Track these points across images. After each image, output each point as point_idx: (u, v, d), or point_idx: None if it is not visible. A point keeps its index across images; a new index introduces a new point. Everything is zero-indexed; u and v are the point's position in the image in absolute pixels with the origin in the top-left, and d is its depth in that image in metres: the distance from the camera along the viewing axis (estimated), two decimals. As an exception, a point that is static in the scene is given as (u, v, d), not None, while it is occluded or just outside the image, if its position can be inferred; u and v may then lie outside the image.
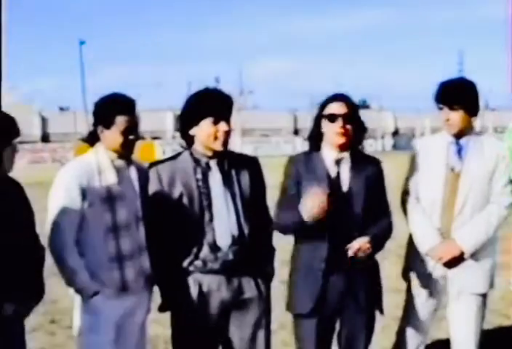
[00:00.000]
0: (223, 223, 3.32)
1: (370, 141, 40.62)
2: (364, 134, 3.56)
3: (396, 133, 56.93)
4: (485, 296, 3.91)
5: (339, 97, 3.50)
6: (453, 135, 3.82)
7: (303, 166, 3.51)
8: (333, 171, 3.48)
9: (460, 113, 3.74)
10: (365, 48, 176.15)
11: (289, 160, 3.61)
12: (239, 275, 3.38)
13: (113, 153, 3.49)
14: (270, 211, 3.57)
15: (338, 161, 3.48)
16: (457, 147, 3.82)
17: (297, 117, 55.73)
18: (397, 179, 4.04)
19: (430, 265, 3.85)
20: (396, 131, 58.00)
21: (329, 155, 3.50)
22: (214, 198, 3.33)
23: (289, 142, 42.34)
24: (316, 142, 3.56)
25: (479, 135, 3.92)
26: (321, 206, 3.24)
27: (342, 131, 3.42)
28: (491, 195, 3.80)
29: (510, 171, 3.79)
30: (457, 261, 3.78)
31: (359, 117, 3.51)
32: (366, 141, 3.62)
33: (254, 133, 49.25)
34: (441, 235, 3.80)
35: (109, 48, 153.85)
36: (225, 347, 3.51)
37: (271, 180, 3.85)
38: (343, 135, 3.42)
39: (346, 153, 3.49)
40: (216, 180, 3.35)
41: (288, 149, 36.54)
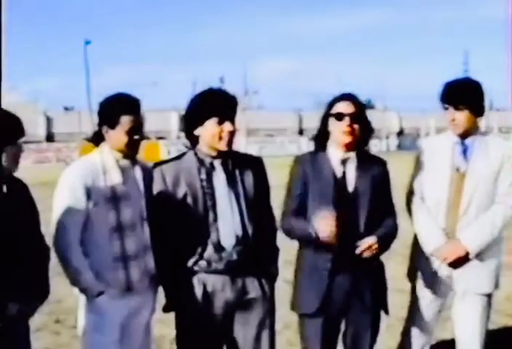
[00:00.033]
0: (227, 223, 3.31)
1: (375, 141, 40.51)
2: (371, 135, 3.55)
3: (401, 133, 56.97)
4: (490, 296, 3.91)
5: (346, 97, 3.50)
6: (458, 135, 3.81)
7: (309, 166, 3.50)
8: (339, 171, 3.47)
9: (466, 113, 3.73)
10: (365, 48, 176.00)
11: (295, 160, 3.60)
12: (243, 275, 3.37)
13: (118, 152, 3.49)
14: (274, 211, 3.57)
15: (344, 161, 3.47)
16: (463, 148, 3.81)
17: (301, 117, 55.80)
18: (402, 180, 4.03)
19: (435, 265, 3.85)
20: (401, 132, 58.03)
21: (335, 155, 3.49)
22: (219, 198, 3.33)
23: (294, 142, 42.39)
24: (322, 142, 3.55)
25: (484, 135, 3.91)
26: (330, 230, 3.23)
27: (349, 130, 3.41)
28: (496, 195, 3.79)
29: (516, 172, 3.79)
30: (462, 261, 3.77)
31: (366, 117, 3.50)
32: (371, 141, 3.61)
33: (259, 133, 49.30)
34: (446, 235, 3.80)
35: (114, 48, 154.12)
36: (229, 347, 3.51)
37: (276, 180, 3.85)
38: (350, 134, 3.42)
39: (352, 153, 3.48)
40: (220, 180, 3.35)
41: (293, 149, 36.61)
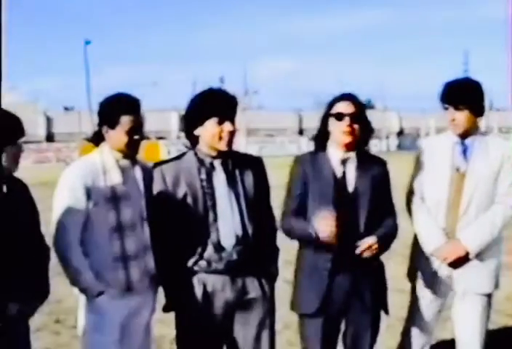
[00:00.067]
0: (227, 223, 3.31)
1: (375, 141, 40.53)
2: (371, 135, 3.55)
3: (401, 133, 56.97)
4: (490, 296, 3.91)
5: (346, 97, 3.50)
6: (458, 135, 3.81)
7: (310, 166, 3.50)
8: (339, 171, 3.47)
9: (466, 113, 3.73)
10: (365, 48, 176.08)
11: (295, 160, 3.60)
12: (243, 275, 3.37)
13: (118, 152, 3.49)
14: (274, 211, 3.57)
15: (344, 161, 3.47)
16: (463, 148, 3.81)
17: (301, 117, 55.79)
18: (402, 180, 4.03)
19: (435, 265, 3.85)
20: (401, 132, 58.03)
21: (335, 155, 3.49)
22: (219, 198, 3.33)
23: (294, 142, 42.40)
24: (322, 142, 3.55)
25: (484, 135, 3.91)
26: (330, 230, 3.23)
27: (349, 130, 3.41)
28: (496, 195, 3.79)
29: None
30: (462, 261, 3.77)
31: (366, 117, 3.50)
32: (370, 141, 3.61)
33: (259, 133, 49.31)
34: (446, 235, 3.80)
35: (114, 48, 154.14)
36: (229, 347, 3.51)
37: (276, 180, 3.85)
38: (350, 134, 3.42)
39: (352, 153, 3.48)
40: (220, 180, 3.35)
41: (293, 149, 36.62)
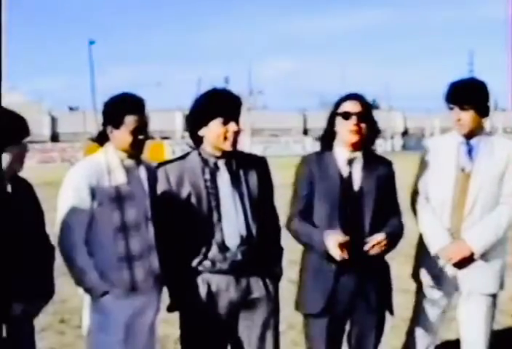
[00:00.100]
0: (231, 223, 3.31)
1: (379, 141, 40.16)
2: (377, 134, 3.55)
3: (406, 133, 56.84)
4: (495, 296, 3.90)
5: (353, 96, 3.50)
6: (463, 135, 3.80)
7: (316, 166, 3.50)
8: (345, 170, 3.47)
9: (471, 113, 3.72)
10: (366, 48, 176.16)
11: (301, 160, 3.59)
12: (248, 275, 3.37)
13: (123, 152, 3.49)
14: (278, 211, 3.57)
15: (350, 161, 3.47)
16: (468, 148, 3.80)
17: (306, 117, 55.72)
18: (407, 180, 4.03)
19: (440, 265, 3.84)
20: (406, 132, 57.90)
21: (342, 154, 3.49)
22: (223, 198, 3.33)
23: (299, 142, 42.36)
24: (329, 142, 3.55)
25: (490, 135, 3.90)
26: (344, 255, 3.22)
27: (356, 129, 3.41)
28: (501, 195, 3.78)
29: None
30: (467, 261, 3.76)
31: (373, 117, 3.50)
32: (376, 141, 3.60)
33: (264, 133, 49.25)
34: (451, 235, 3.79)
35: (118, 48, 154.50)
36: (233, 347, 3.51)
37: (280, 180, 3.84)
38: (357, 133, 3.41)
39: (358, 153, 3.48)
40: (224, 180, 3.35)
41: (297, 149, 36.58)
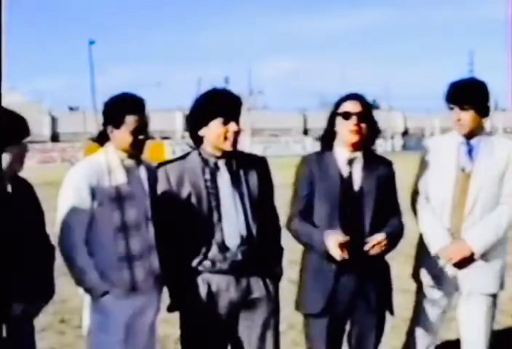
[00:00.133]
0: (232, 223, 3.31)
1: (380, 141, 40.21)
2: (377, 134, 3.55)
3: (406, 133, 56.86)
4: (495, 296, 3.90)
5: (353, 96, 3.50)
6: (464, 135, 3.80)
7: (316, 166, 3.50)
8: (345, 170, 3.47)
9: (471, 113, 3.72)
10: (366, 48, 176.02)
11: (301, 160, 3.59)
12: (248, 275, 3.37)
13: (123, 152, 3.49)
14: (278, 211, 3.56)
15: (351, 161, 3.47)
16: (468, 148, 3.80)
17: (306, 117, 55.73)
18: (407, 180, 4.03)
19: (440, 265, 3.84)
20: (406, 132, 57.91)
21: (342, 154, 3.49)
22: (223, 198, 3.33)
23: (299, 142, 42.37)
24: (329, 142, 3.55)
25: (490, 135, 3.90)
26: (344, 255, 3.23)
27: (356, 129, 3.41)
28: (501, 195, 3.78)
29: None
30: (467, 261, 3.76)
31: (373, 117, 3.50)
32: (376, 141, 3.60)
33: (264, 133, 49.27)
34: (451, 235, 3.79)
35: (118, 48, 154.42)
36: (233, 347, 3.51)
37: (280, 180, 3.84)
38: (357, 133, 3.41)
39: (359, 153, 3.48)
40: (224, 180, 3.35)
41: (298, 149, 36.59)
